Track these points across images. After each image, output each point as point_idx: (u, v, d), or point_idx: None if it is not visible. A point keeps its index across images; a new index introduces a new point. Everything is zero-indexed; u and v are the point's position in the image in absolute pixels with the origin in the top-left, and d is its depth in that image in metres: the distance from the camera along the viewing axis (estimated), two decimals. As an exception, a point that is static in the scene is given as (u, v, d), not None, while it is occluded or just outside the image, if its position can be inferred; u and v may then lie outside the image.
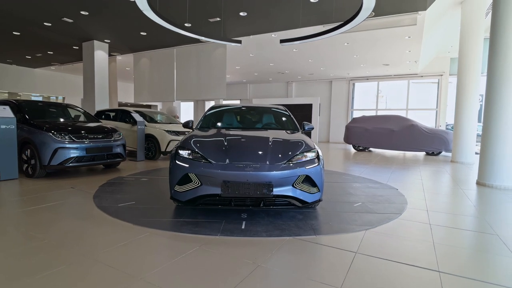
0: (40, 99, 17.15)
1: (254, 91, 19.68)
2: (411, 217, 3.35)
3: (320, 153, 3.34)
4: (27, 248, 2.33)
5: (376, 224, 3.08)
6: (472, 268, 2.20)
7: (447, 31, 10.12)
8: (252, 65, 13.78)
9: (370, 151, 11.66)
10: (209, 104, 21.28)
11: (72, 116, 6.42)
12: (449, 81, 14.26)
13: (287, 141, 3.48)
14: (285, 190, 2.92)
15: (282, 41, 6.50)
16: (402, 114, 15.30)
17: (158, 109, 21.89)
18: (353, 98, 16.82)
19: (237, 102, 20.03)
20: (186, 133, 8.11)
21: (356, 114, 16.60)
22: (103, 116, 8.77)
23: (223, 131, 3.87)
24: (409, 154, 10.88)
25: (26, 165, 5.10)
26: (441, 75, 14.18)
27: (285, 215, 3.26)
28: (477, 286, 1.93)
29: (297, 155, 3.12)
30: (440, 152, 10.32)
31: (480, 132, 5.32)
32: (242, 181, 2.84)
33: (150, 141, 7.83)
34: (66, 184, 4.67)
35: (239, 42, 6.75)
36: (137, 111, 8.35)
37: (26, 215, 3.14)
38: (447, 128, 14.61)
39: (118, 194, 4.12)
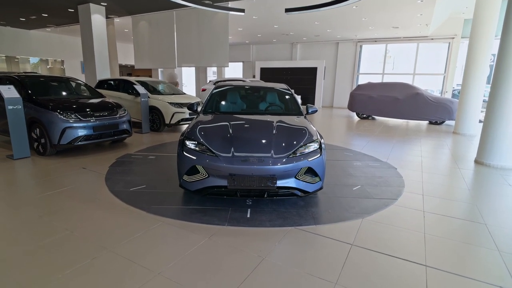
0: (38, 61, 16.83)
1: (257, 53, 19.03)
2: (407, 203, 3.54)
3: (323, 142, 3.44)
4: (53, 240, 2.56)
5: (372, 211, 3.29)
6: (457, 262, 2.42)
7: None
8: (256, 27, 13.19)
9: (373, 119, 11.65)
10: (211, 70, 20.76)
11: (75, 90, 6.41)
12: (461, 42, 13.64)
13: (291, 129, 3.55)
14: (288, 182, 3.08)
15: (287, 10, 6.19)
16: (409, 79, 14.95)
17: (159, 75, 21.50)
18: (359, 61, 16.29)
19: (240, 64, 19.52)
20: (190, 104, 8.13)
21: (362, 79, 16.23)
22: (105, 86, 8.72)
23: (228, 116, 3.93)
24: (411, 123, 10.88)
25: (37, 143, 5.26)
26: (453, 38, 13.55)
27: (287, 201, 3.46)
28: (460, 282, 2.15)
29: (300, 146, 3.22)
30: (443, 122, 10.32)
31: (487, 98, 5.17)
32: (247, 174, 2.99)
33: (154, 113, 7.87)
34: (77, 163, 4.87)
35: (242, 11, 6.43)
36: (138, 81, 8.27)
37: (46, 202, 3.37)
38: (453, 93, 14.36)
39: (128, 175, 4.32)
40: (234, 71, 20.14)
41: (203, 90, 12.45)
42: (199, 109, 4.45)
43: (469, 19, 12.85)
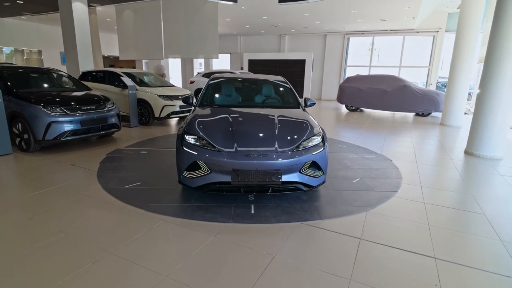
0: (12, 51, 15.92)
1: (245, 44, 18.76)
2: (407, 195, 3.57)
3: (325, 135, 3.40)
4: (48, 244, 2.40)
5: (375, 204, 3.29)
6: (464, 253, 2.44)
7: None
8: (244, 18, 12.93)
9: (361, 111, 11.77)
10: (197, 62, 20.32)
11: (58, 82, 6.08)
12: (445, 36, 13.92)
13: (293, 123, 3.48)
14: (293, 176, 3.02)
15: (281, 0, 6.05)
16: (395, 71, 15.17)
17: (143, 66, 20.88)
18: (347, 53, 16.36)
19: (227, 55, 19.18)
20: (181, 97, 7.90)
21: (350, 71, 16.33)
22: (89, 78, 8.32)
23: (226, 109, 3.81)
24: (398, 115, 11.06)
25: (19, 139, 4.95)
26: (437, 31, 13.80)
27: (290, 196, 3.40)
28: (470, 273, 2.17)
29: (304, 140, 3.16)
30: (430, 113, 10.55)
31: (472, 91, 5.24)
32: (251, 169, 2.90)
33: (143, 106, 7.61)
34: (65, 160, 4.62)
35: (235, 1, 6.25)
36: (125, 73, 7.95)
37: (36, 202, 3.17)
38: (437, 85, 14.70)
39: (121, 172, 4.14)
40: (221, 62, 19.79)
41: (191, 82, 12.17)
42: (194, 101, 4.30)
43: (453, 13, 13.12)
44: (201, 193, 3.38)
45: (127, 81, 7.33)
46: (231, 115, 3.54)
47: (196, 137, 3.16)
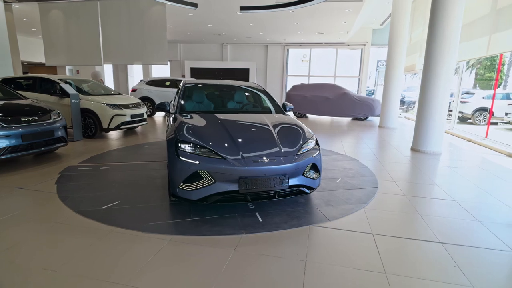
0: None
1: (186, 52, 18.26)
2: (388, 190, 3.87)
3: (317, 138, 3.49)
4: (44, 285, 1.90)
5: (366, 200, 3.48)
6: (464, 236, 2.74)
7: (377, 4, 10.95)
8: (189, 25, 12.61)
9: (307, 117, 12.48)
10: (132, 69, 18.95)
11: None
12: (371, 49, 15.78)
13: (287, 127, 3.48)
14: (297, 180, 3.01)
15: (242, 8, 6.09)
16: (331, 80, 16.56)
17: (67, 72, 18.61)
18: (287, 64, 17.25)
19: (167, 66, 18.36)
20: (131, 106, 7.24)
21: (291, 80, 17.22)
22: (12, 86, 7.02)
23: (213, 116, 3.63)
24: (337, 119, 12.04)
25: None
26: (364, 44, 15.59)
27: (287, 200, 3.38)
28: (479, 252, 2.45)
29: (303, 143, 3.19)
30: (367, 118, 11.76)
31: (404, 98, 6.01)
32: (259, 176, 2.79)
33: (88, 117, 6.74)
34: (6, 183, 3.78)
35: (195, 5, 6.05)
36: (61, 79, 6.94)
37: (-11, 237, 2.49)
38: (366, 94, 16.53)
39: (89, 191, 3.56)
40: (160, 70, 18.84)
41: (134, 90, 11.29)
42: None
43: (376, 29, 15.02)
44: (194, 206, 3.12)
45: (68, 88, 6.41)
46: (223, 122, 3.38)
47: (193, 145, 2.91)
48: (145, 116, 7.79)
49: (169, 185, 3.18)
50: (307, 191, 3.13)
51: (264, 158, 2.87)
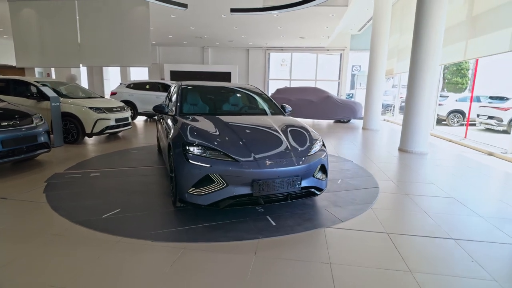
0: None
1: (165, 55, 17.88)
2: (387, 189, 3.94)
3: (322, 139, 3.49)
4: (45, 306, 1.71)
5: (371, 200, 3.51)
6: (467, 230, 2.82)
7: (359, 10, 11.32)
8: (170, 27, 12.35)
9: (292, 120, 12.56)
10: (107, 71, 18.22)
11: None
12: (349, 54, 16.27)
13: (294, 129, 3.43)
14: (308, 181, 2.97)
15: (233, 10, 6.03)
16: (312, 84, 16.85)
17: (36, 74, 17.60)
18: (269, 67, 17.36)
19: (146, 68, 17.84)
20: (115, 110, 6.91)
21: (273, 84, 17.35)
22: (-20, 89, 6.49)
23: (216, 117, 3.52)
24: (321, 122, 12.24)
25: None
26: (343, 50, 16.04)
27: (296, 202, 3.33)
28: (491, 246, 2.52)
29: (312, 145, 3.16)
30: (349, 120, 12.04)
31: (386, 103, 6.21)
32: (273, 178, 2.73)
33: (69, 121, 6.34)
34: (-14, 193, 3.43)
35: (185, 6, 5.90)
36: (37, 81, 6.51)
37: (-22, 254, 2.23)
38: (346, 97, 16.98)
39: (84, 200, 3.32)
40: (138, 73, 18.28)
41: (113, 93, 10.85)
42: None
43: (355, 35, 15.51)
44: (200, 211, 2.99)
45: (48, 91, 6.01)
46: (229, 124, 3.28)
47: (202, 148, 2.79)
48: (130, 120, 7.48)
49: (173, 190, 3.03)
50: (317, 192, 3.10)
51: (277, 159, 2.80)
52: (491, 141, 7.56)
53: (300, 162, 2.87)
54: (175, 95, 4.12)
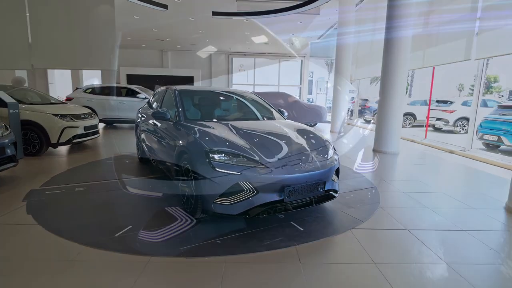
0: None
1: (120, 58, 16.70)
2: (386, 188, 4.17)
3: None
4: None
5: (378, 199, 3.68)
6: (469, 221, 3.12)
7: (323, 19, 11.89)
8: (131, 28, 11.63)
9: (260, 124, 12.68)
10: (52, 75, 16.46)
11: None
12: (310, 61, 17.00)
13: (307, 134, 3.45)
14: (329, 184, 3.01)
15: (214, 13, 5.91)
16: (275, 89, 17.22)
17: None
18: (232, 72, 17.31)
19: (98, 72, 16.53)
20: (83, 116, 6.25)
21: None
22: None
23: (226, 123, 3.39)
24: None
25: None
26: (304, 56, 16.71)
27: (311, 206, 3.34)
28: (492, 235, 2.81)
29: (327, 148, 3.22)
30: (316, 124, 12.54)
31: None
32: (301, 183, 2.71)
33: (30, 130, 5.58)
34: (-47, 219, 2.84)
35: (165, 6, 5.60)
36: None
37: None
38: (308, 101, 17.68)
39: (82, 218, 2.94)
40: (89, 76, 16.82)
41: (69, 99, 9.87)
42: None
43: (314, 42, 16.26)
44: (229, 221, 2.86)
45: (4, 96, 5.22)
46: (243, 129, 3.19)
47: (227, 155, 2.67)
48: (98, 127, 6.86)
49: (194, 202, 2.84)
50: (335, 195, 3.16)
51: (303, 164, 2.80)
52: (447, 140, 8.47)
53: (323, 166, 2.91)
54: (170, 101, 3.88)
